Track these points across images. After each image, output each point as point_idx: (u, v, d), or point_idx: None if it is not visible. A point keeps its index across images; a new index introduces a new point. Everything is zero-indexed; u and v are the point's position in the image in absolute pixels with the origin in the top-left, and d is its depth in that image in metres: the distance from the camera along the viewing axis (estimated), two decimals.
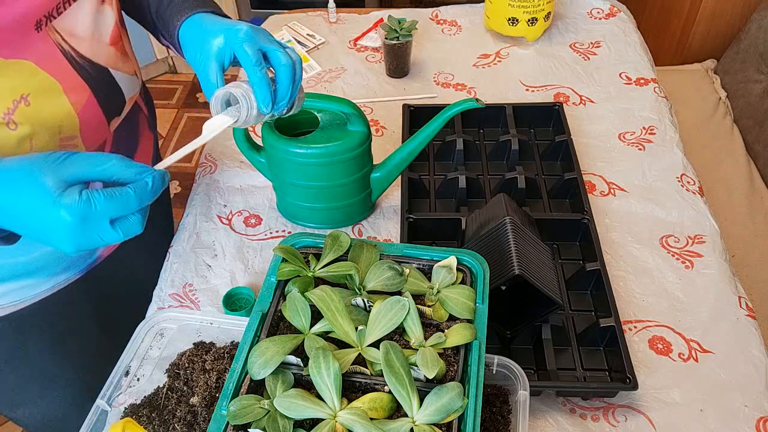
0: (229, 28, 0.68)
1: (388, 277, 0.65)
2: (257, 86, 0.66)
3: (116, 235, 0.55)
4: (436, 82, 1.28)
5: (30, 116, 0.67)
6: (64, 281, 0.85)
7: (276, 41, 0.69)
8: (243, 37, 0.67)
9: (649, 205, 1.02)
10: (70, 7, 0.69)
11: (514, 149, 1.07)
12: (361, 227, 1.01)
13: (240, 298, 0.91)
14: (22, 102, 0.66)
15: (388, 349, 0.57)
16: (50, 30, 0.67)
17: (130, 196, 0.54)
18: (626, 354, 0.79)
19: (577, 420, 0.78)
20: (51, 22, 0.67)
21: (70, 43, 0.70)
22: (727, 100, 1.85)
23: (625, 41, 1.36)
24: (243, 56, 0.66)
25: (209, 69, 0.68)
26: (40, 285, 0.82)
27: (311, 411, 0.56)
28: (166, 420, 0.73)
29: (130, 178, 0.55)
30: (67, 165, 0.54)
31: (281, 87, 0.68)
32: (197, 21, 0.74)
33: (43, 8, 0.66)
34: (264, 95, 0.66)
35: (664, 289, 0.91)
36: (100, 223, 0.54)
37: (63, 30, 0.69)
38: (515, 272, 0.75)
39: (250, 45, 0.67)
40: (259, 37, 0.68)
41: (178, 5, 0.77)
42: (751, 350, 0.84)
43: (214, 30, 0.70)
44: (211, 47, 0.69)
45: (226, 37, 0.68)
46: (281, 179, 0.95)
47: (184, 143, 2.95)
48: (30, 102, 0.66)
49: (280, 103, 0.68)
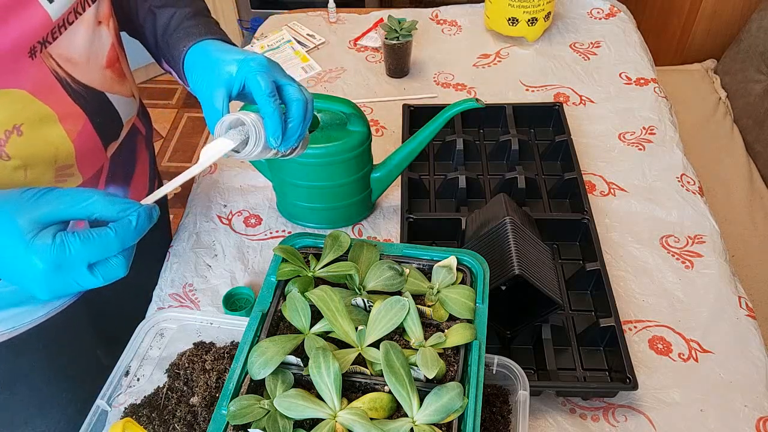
0: (244, 56, 0.65)
1: (388, 277, 0.65)
2: (269, 117, 0.62)
3: (95, 280, 0.51)
4: (436, 82, 1.28)
5: (23, 148, 0.64)
6: (60, 305, 0.84)
7: (289, 76, 0.66)
8: (257, 66, 0.63)
9: (649, 205, 1.02)
10: (66, 30, 0.66)
11: (514, 149, 1.07)
12: (361, 227, 1.01)
13: (240, 298, 0.91)
14: (15, 132, 0.63)
15: (388, 349, 0.57)
16: (45, 56, 0.64)
17: (110, 238, 0.50)
18: (626, 354, 0.79)
19: (577, 420, 0.78)
20: (46, 48, 0.64)
21: (66, 69, 0.67)
22: (727, 100, 1.85)
23: (625, 41, 1.36)
24: (256, 86, 0.62)
25: (215, 95, 0.64)
26: (36, 311, 0.81)
27: (311, 411, 0.56)
28: (166, 420, 0.73)
29: (113, 216, 0.51)
30: (43, 204, 0.50)
31: (293, 122, 0.64)
32: (206, 47, 0.71)
33: (37, 34, 0.62)
34: (275, 128, 0.62)
35: (664, 289, 0.91)
36: (77, 269, 0.50)
37: (59, 56, 0.66)
38: (515, 272, 0.75)
39: (265, 75, 0.63)
40: (273, 69, 0.65)
41: (186, 30, 0.74)
42: (751, 350, 0.84)
43: (226, 57, 0.66)
44: (220, 74, 0.65)
45: (239, 66, 0.64)
46: (281, 179, 0.95)
47: (184, 143, 2.95)
48: (23, 132, 0.63)
49: (290, 138, 0.64)
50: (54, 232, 0.50)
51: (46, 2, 0.62)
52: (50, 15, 0.62)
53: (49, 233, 0.49)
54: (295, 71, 1.31)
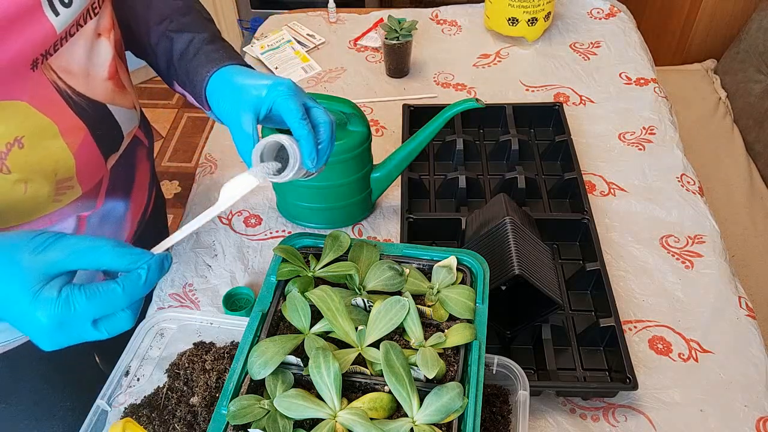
0: (272, 81, 0.65)
1: (388, 277, 0.65)
2: (304, 140, 0.62)
3: (99, 334, 0.50)
4: (436, 82, 1.28)
5: (23, 161, 0.63)
6: None
7: (312, 98, 0.66)
8: (287, 90, 0.64)
9: (649, 205, 1.02)
10: (67, 42, 0.66)
11: (514, 149, 1.07)
12: (361, 227, 1.01)
13: (240, 298, 0.91)
14: (16, 145, 0.62)
15: (388, 349, 0.57)
16: (46, 68, 0.64)
17: (117, 294, 0.49)
18: (626, 354, 0.79)
19: (577, 420, 0.78)
20: (47, 60, 0.64)
21: (66, 81, 0.67)
22: (727, 100, 1.85)
23: (625, 41, 1.36)
24: (288, 109, 0.62)
25: (244, 120, 0.64)
26: None
27: (311, 411, 0.56)
28: (166, 420, 0.73)
29: (122, 268, 0.50)
30: (52, 253, 0.49)
31: (323, 143, 0.64)
32: (230, 72, 0.70)
33: (40, 47, 0.62)
34: (310, 150, 0.62)
35: (664, 289, 0.91)
36: (81, 325, 0.49)
37: (58, 67, 0.65)
38: (515, 272, 0.75)
39: (296, 99, 0.63)
40: (301, 92, 0.65)
41: (207, 56, 0.74)
42: (751, 350, 0.84)
43: (253, 81, 0.66)
44: (248, 98, 0.65)
45: (269, 90, 0.64)
46: None
47: (184, 143, 2.94)
48: (24, 144, 0.63)
49: (321, 159, 0.64)
50: (60, 285, 0.49)
51: (52, 15, 0.61)
52: (56, 28, 0.62)
53: (55, 287, 0.48)
54: (295, 71, 1.32)
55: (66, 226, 0.73)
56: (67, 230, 0.73)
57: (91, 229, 0.77)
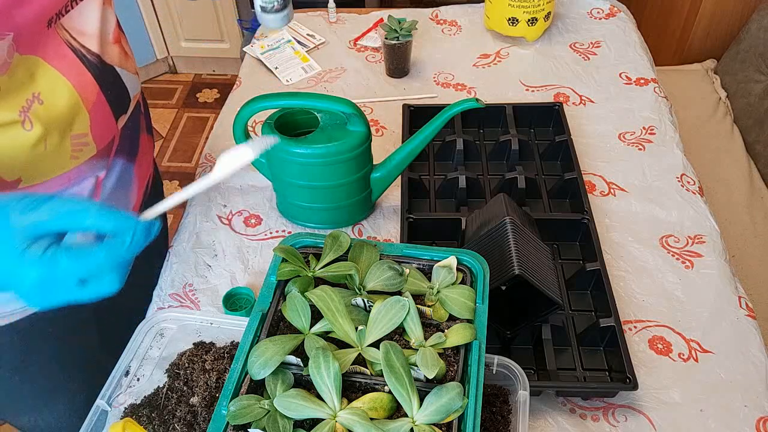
0: None
1: (388, 277, 0.65)
2: None
3: (86, 294, 0.51)
4: (436, 82, 1.28)
5: (43, 114, 0.67)
6: None
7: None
8: None
9: (649, 205, 1.02)
10: (77, 5, 0.70)
11: (514, 149, 1.07)
12: (361, 227, 1.01)
13: (240, 298, 0.91)
14: (36, 101, 0.66)
15: (388, 349, 0.57)
16: (59, 27, 0.68)
17: (99, 257, 0.50)
18: (626, 354, 0.79)
19: (577, 420, 0.78)
20: (60, 20, 0.68)
21: (79, 41, 0.71)
22: (727, 100, 1.85)
23: (625, 41, 1.36)
24: None
25: None
26: None
27: (311, 411, 0.56)
28: (166, 420, 0.73)
29: (107, 230, 0.50)
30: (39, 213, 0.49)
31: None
32: None
33: (55, 6, 0.66)
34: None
35: (664, 289, 0.91)
36: (66, 284, 0.50)
37: (71, 28, 0.70)
38: (515, 272, 0.75)
39: None
40: None
41: None
42: (751, 350, 0.84)
43: None
44: None
45: None
46: (281, 179, 0.95)
47: (184, 143, 2.94)
48: (43, 100, 0.66)
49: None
50: (47, 244, 0.50)
51: None
52: None
53: (41, 246, 0.49)
54: (295, 71, 1.32)
55: (84, 186, 0.76)
56: (84, 192, 0.76)
57: (105, 194, 0.80)
